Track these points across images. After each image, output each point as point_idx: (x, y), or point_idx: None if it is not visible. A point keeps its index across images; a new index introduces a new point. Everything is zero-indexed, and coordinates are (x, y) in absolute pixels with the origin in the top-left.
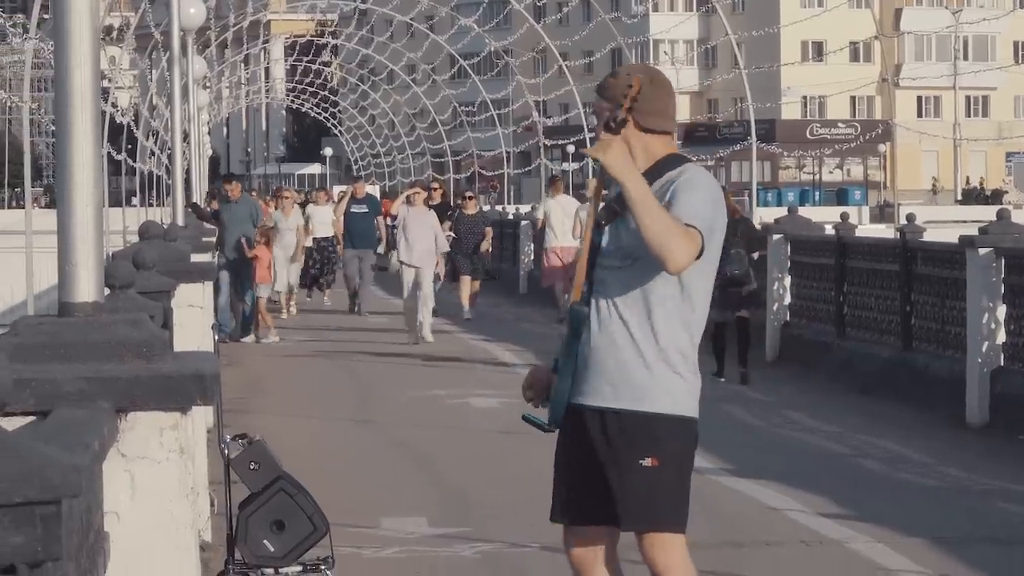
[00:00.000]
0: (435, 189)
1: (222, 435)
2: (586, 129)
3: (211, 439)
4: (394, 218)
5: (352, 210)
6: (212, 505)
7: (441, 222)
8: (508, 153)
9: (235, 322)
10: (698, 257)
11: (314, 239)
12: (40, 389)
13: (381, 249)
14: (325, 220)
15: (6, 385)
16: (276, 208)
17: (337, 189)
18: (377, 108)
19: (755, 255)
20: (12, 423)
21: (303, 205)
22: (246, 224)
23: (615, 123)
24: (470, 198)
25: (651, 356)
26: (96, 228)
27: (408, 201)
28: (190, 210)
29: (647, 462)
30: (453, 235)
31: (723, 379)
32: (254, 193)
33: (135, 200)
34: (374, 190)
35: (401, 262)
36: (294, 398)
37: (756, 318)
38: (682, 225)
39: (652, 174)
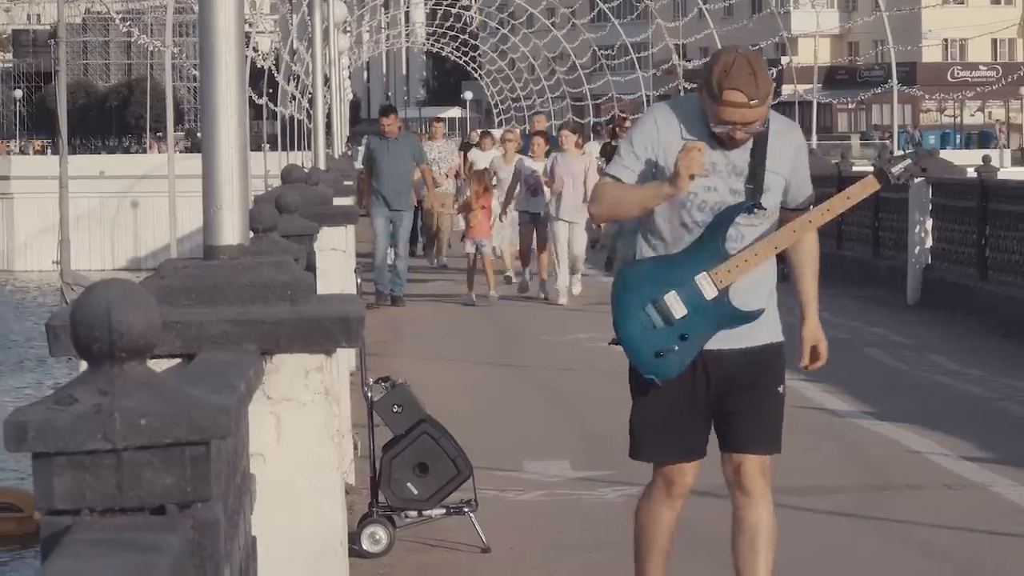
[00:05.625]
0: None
1: (365, 378)
2: None
3: (354, 382)
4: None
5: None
6: (355, 448)
7: None
8: (648, 96)
9: (399, 280)
10: None
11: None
12: (186, 332)
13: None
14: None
15: (156, 327)
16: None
17: (498, 133)
18: (517, 52)
19: None
20: (159, 366)
21: (464, 149)
22: (407, 165)
23: None
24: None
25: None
26: (241, 171)
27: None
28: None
29: (781, 389)
30: None
31: None
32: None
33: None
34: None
35: (552, 215)
36: (436, 342)
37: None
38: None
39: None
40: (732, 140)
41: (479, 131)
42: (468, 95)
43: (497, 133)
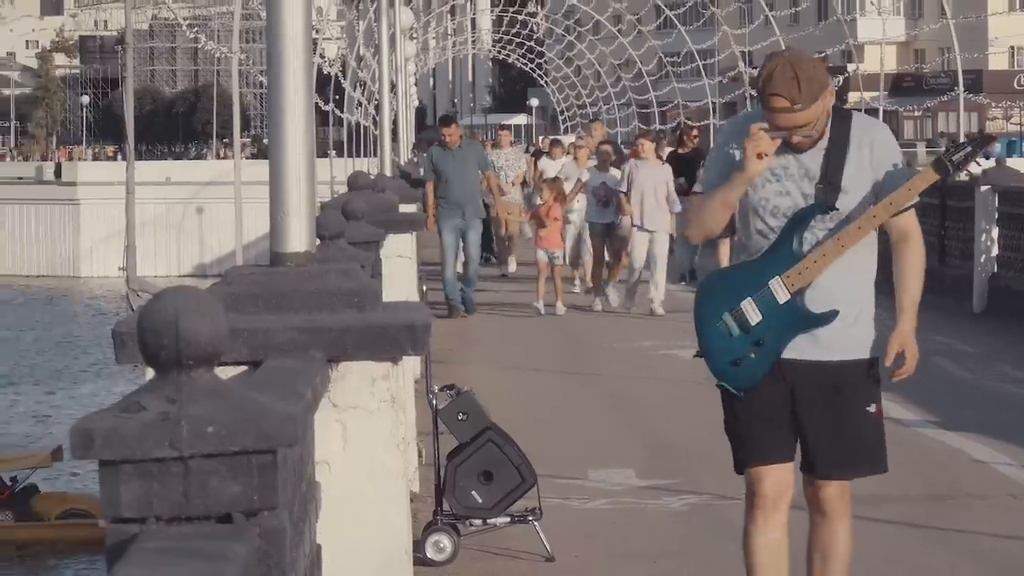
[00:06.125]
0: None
1: (430, 385)
2: None
3: (419, 390)
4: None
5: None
6: (420, 456)
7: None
8: (713, 104)
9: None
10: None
11: None
12: (252, 339)
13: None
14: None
15: (223, 335)
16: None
17: (567, 140)
18: (583, 59)
19: None
20: (225, 373)
21: (535, 156)
22: (474, 173)
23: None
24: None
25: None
26: (308, 178)
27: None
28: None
29: (873, 408)
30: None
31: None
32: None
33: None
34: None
35: (633, 226)
36: (501, 349)
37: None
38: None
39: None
40: (799, 144)
41: (548, 139)
42: (534, 102)
43: (566, 140)
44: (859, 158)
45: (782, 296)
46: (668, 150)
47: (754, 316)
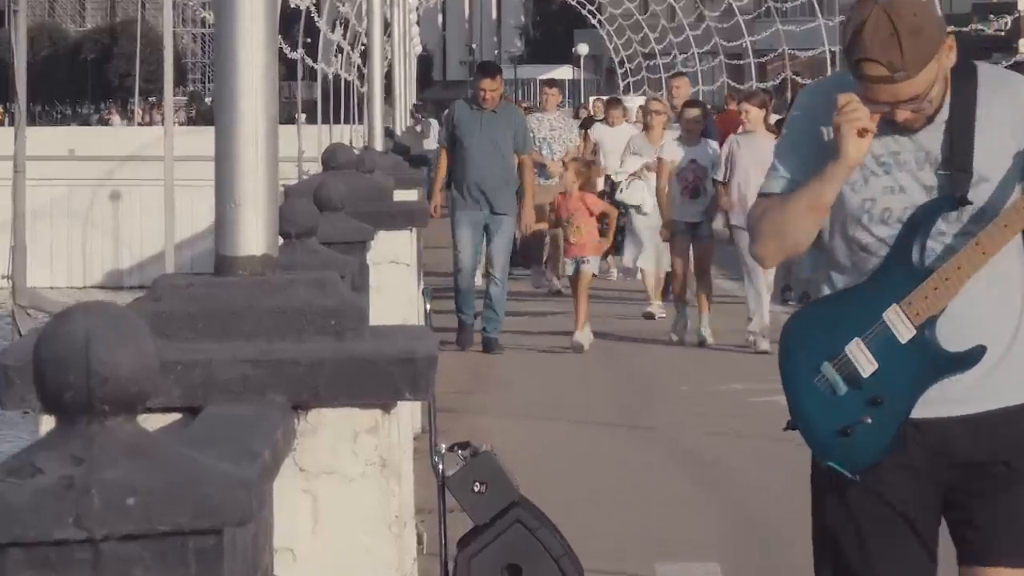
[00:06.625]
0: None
1: (435, 443)
2: None
3: (420, 449)
4: None
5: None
6: (420, 542)
7: None
8: (832, 53)
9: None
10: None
11: (606, 178)
12: (189, 376)
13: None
14: (620, 150)
15: (152, 370)
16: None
17: (633, 103)
18: None
19: None
20: (151, 423)
21: (585, 125)
22: (507, 148)
23: None
24: None
25: None
26: (268, 152)
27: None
28: None
29: None
30: None
31: None
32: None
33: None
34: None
35: (732, 226)
36: (533, 393)
37: None
38: None
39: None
40: (906, 122)
41: (602, 99)
42: (582, 49)
43: (633, 103)
44: (992, 127)
45: (904, 332)
46: (774, 118)
47: (867, 364)
